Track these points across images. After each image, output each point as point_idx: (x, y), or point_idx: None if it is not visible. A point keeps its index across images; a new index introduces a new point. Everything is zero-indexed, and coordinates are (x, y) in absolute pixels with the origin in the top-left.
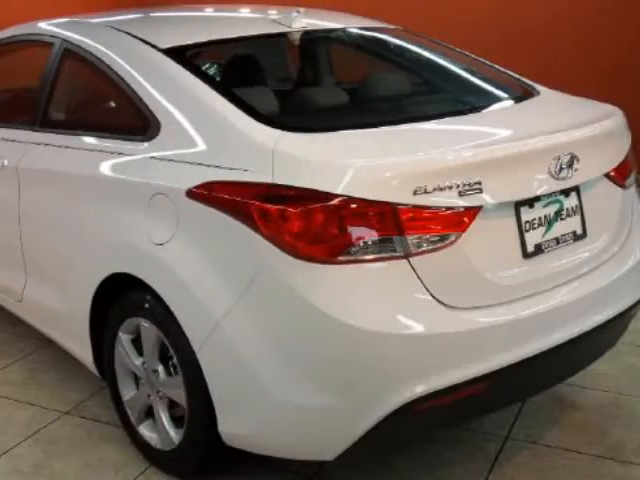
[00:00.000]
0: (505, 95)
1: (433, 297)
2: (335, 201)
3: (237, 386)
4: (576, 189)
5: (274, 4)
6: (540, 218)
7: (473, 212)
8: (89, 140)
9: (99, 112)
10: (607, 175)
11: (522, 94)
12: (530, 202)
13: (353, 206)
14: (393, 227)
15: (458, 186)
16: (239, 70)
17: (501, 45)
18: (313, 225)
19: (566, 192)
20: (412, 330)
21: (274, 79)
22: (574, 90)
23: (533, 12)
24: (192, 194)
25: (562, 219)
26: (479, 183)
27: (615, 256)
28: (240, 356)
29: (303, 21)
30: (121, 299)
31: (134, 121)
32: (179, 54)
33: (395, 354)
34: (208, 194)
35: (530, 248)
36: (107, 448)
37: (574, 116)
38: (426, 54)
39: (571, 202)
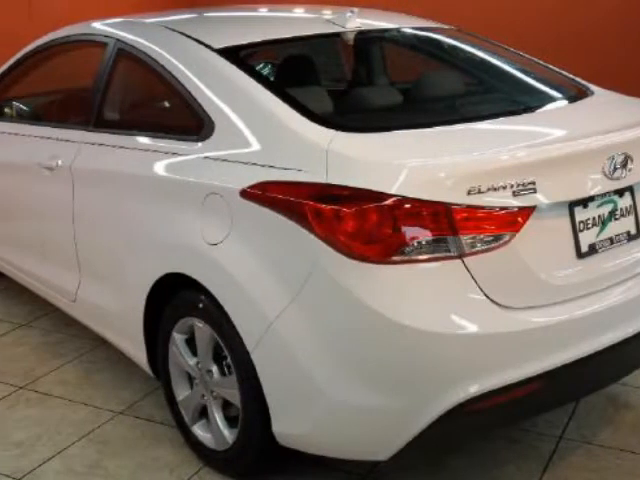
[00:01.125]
0: (559, 95)
1: (487, 297)
2: (389, 201)
3: (291, 386)
4: (630, 189)
5: (328, 4)
6: (594, 218)
7: (527, 212)
8: (143, 140)
9: (153, 112)
10: None
11: (576, 94)
12: (584, 202)
13: (407, 206)
14: (447, 227)
15: (512, 186)
16: (293, 70)
17: (554, 45)
18: (367, 225)
19: (620, 192)
20: (466, 330)
21: (328, 79)
22: (628, 90)
23: (586, 12)
24: (246, 194)
25: (616, 219)
26: (533, 183)
27: None
28: (294, 356)
29: (357, 21)
30: (175, 299)
31: (188, 121)
32: (233, 54)
33: (449, 354)
34: (262, 194)
35: (584, 248)
36: (161, 448)
37: (628, 116)
38: (480, 54)
39: (625, 202)
